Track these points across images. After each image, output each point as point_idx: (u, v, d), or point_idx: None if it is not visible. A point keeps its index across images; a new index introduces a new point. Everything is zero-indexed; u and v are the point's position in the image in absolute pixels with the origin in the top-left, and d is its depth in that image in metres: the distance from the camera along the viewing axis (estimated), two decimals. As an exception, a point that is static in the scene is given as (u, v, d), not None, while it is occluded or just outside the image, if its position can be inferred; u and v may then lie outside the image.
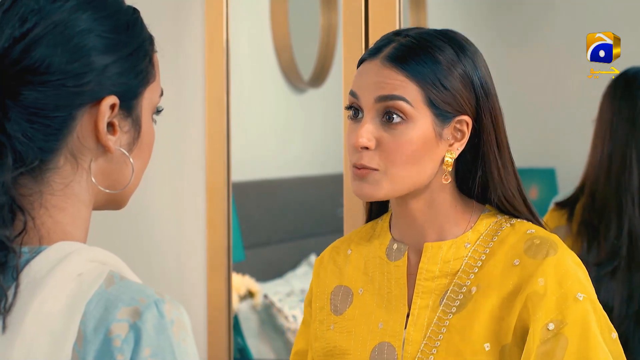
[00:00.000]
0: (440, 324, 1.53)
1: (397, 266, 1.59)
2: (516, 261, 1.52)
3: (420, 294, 1.56)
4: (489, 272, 1.53)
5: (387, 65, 1.52)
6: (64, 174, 1.14)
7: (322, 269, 1.72)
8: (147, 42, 1.20)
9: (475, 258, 1.55)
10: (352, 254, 1.68)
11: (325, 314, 1.67)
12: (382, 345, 1.57)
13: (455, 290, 1.54)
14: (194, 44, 2.64)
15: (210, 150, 2.63)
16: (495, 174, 1.55)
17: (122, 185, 1.19)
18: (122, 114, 1.16)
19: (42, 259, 1.09)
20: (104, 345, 1.05)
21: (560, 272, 1.48)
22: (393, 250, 1.61)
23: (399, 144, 1.50)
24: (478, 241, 1.56)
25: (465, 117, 1.53)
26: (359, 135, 1.50)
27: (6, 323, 1.06)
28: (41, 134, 1.12)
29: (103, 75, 1.14)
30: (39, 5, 1.13)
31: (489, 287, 1.52)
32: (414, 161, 1.51)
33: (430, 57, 1.51)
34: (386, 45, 1.55)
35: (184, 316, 1.09)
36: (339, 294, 1.66)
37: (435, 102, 1.51)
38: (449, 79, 1.51)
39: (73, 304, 1.06)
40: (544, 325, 1.46)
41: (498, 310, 1.50)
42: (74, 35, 1.13)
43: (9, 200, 1.10)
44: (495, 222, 1.58)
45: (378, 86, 1.52)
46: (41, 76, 1.11)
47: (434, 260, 1.56)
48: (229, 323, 2.65)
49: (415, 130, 1.50)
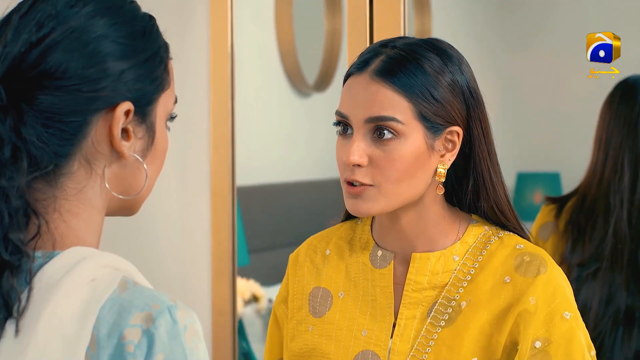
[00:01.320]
0: (429, 337, 1.52)
1: (383, 274, 1.58)
2: (507, 278, 1.52)
3: (407, 305, 1.55)
4: (479, 287, 1.53)
5: (375, 80, 1.49)
6: (77, 179, 1.14)
7: (298, 267, 1.68)
8: (162, 49, 1.20)
9: (464, 272, 1.55)
10: (331, 255, 1.66)
11: (303, 314, 1.64)
12: (365, 353, 1.55)
13: (444, 304, 1.53)
14: (198, 48, 2.65)
15: (215, 154, 2.63)
16: (488, 181, 1.55)
17: (136, 191, 1.19)
18: (136, 120, 1.16)
19: (56, 264, 1.09)
20: (117, 350, 1.06)
21: (549, 290, 1.50)
22: (378, 257, 1.59)
23: (391, 160, 1.48)
24: (467, 254, 1.56)
25: (455, 127, 1.52)
26: (351, 153, 1.48)
27: (19, 327, 1.07)
28: (56, 139, 1.12)
29: (118, 81, 1.14)
30: (56, 11, 1.13)
31: (479, 303, 1.51)
32: (407, 176, 1.49)
33: (419, 69, 1.49)
34: (373, 58, 1.52)
35: (196, 323, 1.10)
36: (317, 295, 1.64)
37: (427, 115, 1.49)
38: (438, 89, 1.49)
39: (86, 309, 1.07)
40: (532, 342, 1.47)
41: (488, 327, 1.50)
42: (91, 41, 1.13)
43: (24, 204, 1.10)
44: (483, 233, 1.57)
45: (367, 105, 1.49)
46: (57, 81, 1.11)
47: (422, 272, 1.55)
48: (233, 327, 2.66)
49: (407, 146, 1.48)
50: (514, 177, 3.18)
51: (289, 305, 1.67)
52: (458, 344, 1.50)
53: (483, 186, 1.55)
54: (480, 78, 1.59)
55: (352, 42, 2.28)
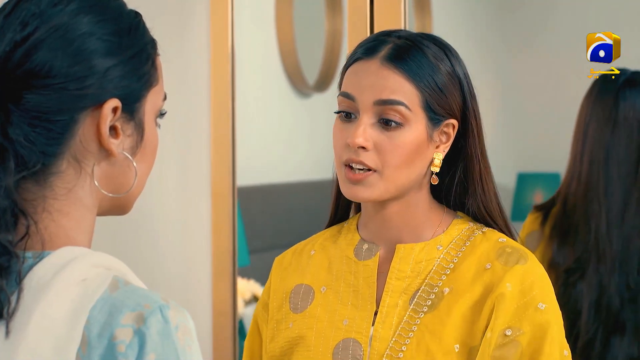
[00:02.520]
0: (411, 322, 1.53)
1: (367, 265, 1.59)
2: (488, 265, 1.53)
3: (390, 293, 1.56)
4: (461, 274, 1.54)
5: (386, 66, 1.52)
6: (67, 178, 1.14)
7: (282, 270, 1.69)
8: (149, 45, 1.19)
9: (448, 260, 1.56)
10: (315, 254, 1.67)
11: (283, 313, 1.65)
12: (346, 341, 1.56)
13: (426, 290, 1.54)
14: (199, 49, 2.65)
15: (215, 155, 2.63)
16: (477, 178, 1.57)
17: (126, 189, 1.18)
18: (124, 117, 1.16)
19: (46, 264, 1.09)
20: (108, 350, 1.05)
21: (527, 281, 1.51)
22: (363, 250, 1.60)
23: (395, 147, 1.50)
24: (450, 244, 1.57)
25: (453, 120, 1.55)
26: (357, 135, 1.50)
27: (9, 328, 1.06)
28: (43, 138, 1.11)
29: (105, 78, 1.13)
30: (40, 9, 1.12)
31: (461, 290, 1.53)
32: (407, 164, 1.52)
33: (426, 60, 1.52)
34: (381, 45, 1.54)
35: (188, 322, 1.09)
36: (299, 292, 1.64)
37: (431, 105, 1.52)
38: (443, 82, 1.53)
39: (77, 309, 1.06)
40: (502, 331, 1.48)
41: (470, 313, 1.51)
42: (75, 38, 1.12)
43: (12, 205, 1.09)
44: (468, 228, 1.59)
45: (377, 88, 1.51)
46: (43, 80, 1.11)
47: (406, 261, 1.56)
48: (234, 328, 2.66)
49: (410, 134, 1.51)
50: (514, 178, 3.18)
51: (270, 306, 1.67)
52: (440, 330, 1.51)
53: (472, 182, 1.57)
54: (480, 78, 1.61)
55: (352, 42, 2.28)
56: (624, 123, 2.21)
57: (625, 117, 2.21)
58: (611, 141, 2.20)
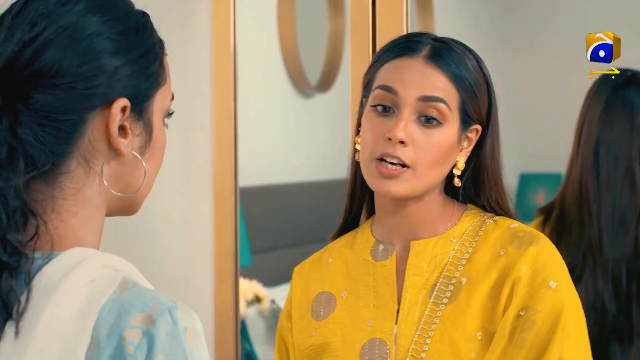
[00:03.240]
0: (433, 315, 1.54)
1: (384, 265, 1.60)
2: (502, 251, 1.55)
3: (409, 289, 1.57)
4: (477, 263, 1.56)
5: (430, 65, 1.54)
6: (76, 178, 1.14)
7: (302, 279, 1.71)
8: (157, 44, 1.19)
9: (462, 251, 1.58)
10: (333, 262, 1.68)
11: (305, 322, 1.66)
12: (372, 341, 1.57)
13: (444, 283, 1.56)
14: (201, 49, 2.65)
15: (217, 155, 2.63)
16: (491, 177, 1.60)
17: (134, 188, 1.18)
18: (133, 116, 1.16)
19: (55, 265, 1.09)
20: (117, 351, 1.05)
21: (539, 262, 1.52)
22: (379, 251, 1.62)
23: (431, 145, 1.52)
24: (463, 236, 1.59)
25: (478, 126, 1.58)
26: (399, 129, 1.51)
27: (19, 328, 1.06)
28: (53, 138, 1.11)
29: (113, 77, 1.13)
30: (48, 9, 1.12)
31: (478, 278, 1.54)
32: (439, 163, 1.54)
33: (463, 64, 1.55)
34: (419, 44, 1.56)
35: (197, 324, 1.09)
36: (321, 300, 1.66)
37: (467, 108, 1.55)
38: (477, 86, 1.56)
39: (86, 310, 1.06)
40: (517, 312, 1.50)
41: (489, 300, 1.53)
42: (84, 38, 1.12)
43: (21, 205, 1.09)
44: (479, 218, 1.61)
45: (422, 85, 1.53)
46: (51, 79, 1.10)
47: (422, 256, 1.58)
48: (236, 328, 2.66)
49: (446, 134, 1.53)
50: (517, 178, 3.18)
51: (292, 316, 1.69)
52: (462, 319, 1.53)
53: (485, 180, 1.60)
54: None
55: (354, 43, 2.28)
56: (614, 125, 2.18)
57: (616, 119, 2.19)
58: (602, 143, 2.18)
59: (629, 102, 2.19)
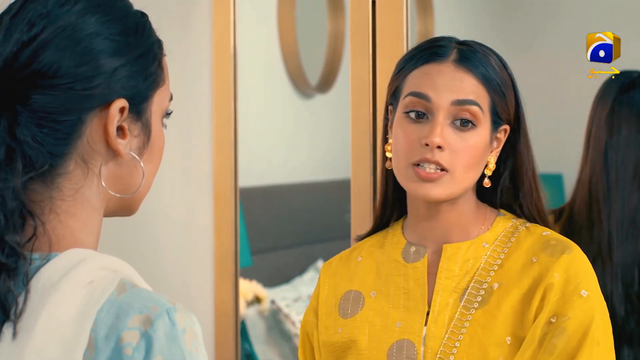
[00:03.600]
0: (463, 319, 1.56)
1: (416, 267, 1.62)
2: (534, 258, 1.56)
3: (440, 292, 1.59)
4: (509, 269, 1.57)
5: (461, 69, 1.56)
6: (74, 179, 1.14)
7: (329, 277, 1.72)
8: (155, 45, 1.19)
9: (495, 257, 1.59)
10: (362, 261, 1.70)
11: (332, 319, 1.68)
12: (400, 342, 1.59)
13: (476, 287, 1.57)
14: (201, 50, 2.64)
15: (217, 156, 2.63)
16: (530, 179, 1.63)
17: (133, 189, 1.18)
18: (131, 117, 1.16)
19: (53, 266, 1.08)
20: (115, 353, 1.05)
21: (571, 270, 1.53)
22: (411, 253, 1.64)
23: (467, 148, 1.54)
24: (496, 241, 1.61)
25: (506, 126, 1.60)
26: (435, 134, 1.52)
27: (17, 330, 1.06)
28: (51, 138, 1.11)
29: (112, 78, 1.13)
30: (47, 10, 1.12)
31: (509, 284, 1.56)
32: (474, 165, 1.56)
33: (490, 65, 1.57)
34: (446, 49, 1.58)
35: (195, 325, 1.09)
36: (349, 298, 1.67)
37: (497, 109, 1.57)
38: (506, 87, 1.58)
39: (84, 312, 1.06)
40: (547, 319, 1.51)
41: (520, 305, 1.54)
42: (82, 38, 1.12)
43: (19, 206, 1.09)
44: (511, 224, 1.63)
45: (454, 89, 1.55)
46: (50, 80, 1.10)
47: (454, 260, 1.60)
48: (236, 329, 2.65)
49: (480, 136, 1.55)
50: (517, 178, 3.17)
51: (319, 312, 1.70)
52: (491, 323, 1.54)
53: (524, 183, 1.63)
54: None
55: (354, 43, 2.28)
56: (622, 127, 2.17)
57: (623, 121, 2.18)
58: (610, 146, 2.17)
59: (636, 103, 2.18)
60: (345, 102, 2.30)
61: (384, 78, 2.20)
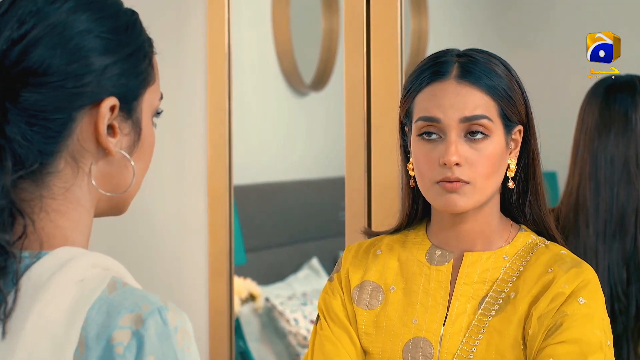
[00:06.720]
0: (480, 325, 1.60)
1: (440, 270, 1.66)
2: (550, 269, 1.61)
3: (459, 297, 1.63)
4: (526, 280, 1.62)
5: (463, 84, 1.58)
6: (64, 178, 1.13)
7: (351, 259, 1.74)
8: (146, 43, 1.19)
9: (514, 269, 1.64)
10: (382, 254, 1.73)
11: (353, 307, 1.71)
12: (417, 339, 1.63)
13: (494, 296, 1.62)
14: (195, 48, 2.64)
15: (212, 154, 2.63)
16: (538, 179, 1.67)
17: (123, 188, 1.18)
18: (122, 116, 1.15)
19: (43, 265, 1.08)
20: (106, 352, 1.05)
21: (579, 282, 1.57)
22: (435, 256, 1.68)
23: (484, 158, 1.59)
24: (515, 255, 1.65)
25: (520, 126, 1.63)
26: (451, 154, 1.56)
27: (6, 329, 1.06)
28: (41, 137, 1.11)
29: (103, 76, 1.13)
30: (37, 7, 1.12)
31: (524, 290, 1.60)
32: (494, 172, 1.60)
33: (493, 72, 1.60)
34: (446, 65, 1.60)
35: (187, 324, 1.08)
36: (367, 289, 1.70)
37: (507, 113, 1.60)
38: (511, 89, 1.61)
39: (74, 310, 1.05)
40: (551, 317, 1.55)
41: (529, 308, 1.58)
42: (73, 36, 1.12)
43: (9, 204, 1.09)
44: (531, 241, 1.67)
45: (460, 106, 1.58)
46: (40, 78, 1.10)
47: (474, 268, 1.64)
48: (230, 326, 2.65)
49: (494, 144, 1.59)
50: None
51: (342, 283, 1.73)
52: (507, 328, 1.59)
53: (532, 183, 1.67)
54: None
55: (348, 41, 2.28)
56: (610, 129, 2.17)
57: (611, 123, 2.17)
58: (599, 148, 2.17)
59: (622, 104, 2.18)
60: (340, 100, 2.30)
61: (378, 76, 2.20)
